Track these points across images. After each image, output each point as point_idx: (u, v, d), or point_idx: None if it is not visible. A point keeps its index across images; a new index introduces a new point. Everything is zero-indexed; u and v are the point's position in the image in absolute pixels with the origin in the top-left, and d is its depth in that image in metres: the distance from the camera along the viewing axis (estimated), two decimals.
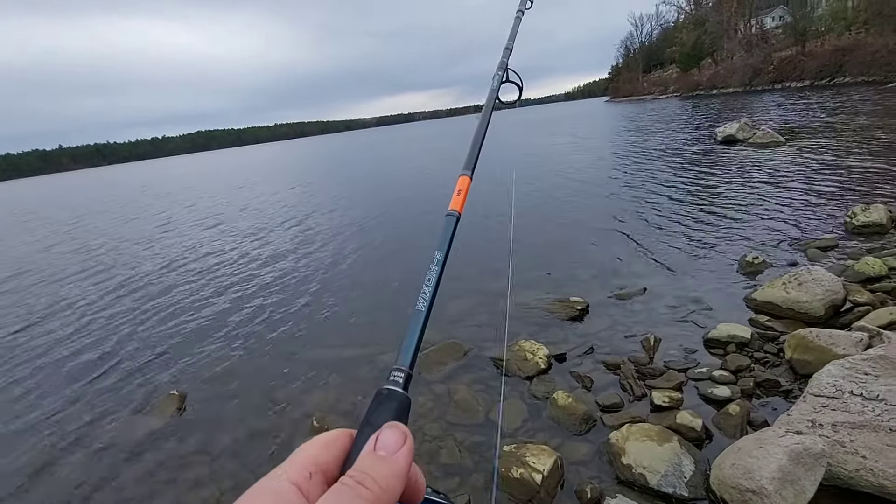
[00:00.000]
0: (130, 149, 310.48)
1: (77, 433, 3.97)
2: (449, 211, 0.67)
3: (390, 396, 0.43)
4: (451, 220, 0.66)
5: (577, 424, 3.09)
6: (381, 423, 0.39)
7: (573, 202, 9.89)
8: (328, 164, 35.40)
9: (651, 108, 41.54)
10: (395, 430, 0.38)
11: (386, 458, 0.36)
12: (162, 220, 15.72)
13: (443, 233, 0.63)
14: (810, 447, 2.20)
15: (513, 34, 1.20)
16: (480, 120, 0.90)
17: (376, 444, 0.37)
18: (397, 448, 0.37)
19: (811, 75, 38.74)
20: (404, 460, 0.37)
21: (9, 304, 8.00)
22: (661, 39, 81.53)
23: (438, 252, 0.60)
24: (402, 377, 0.45)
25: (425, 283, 0.56)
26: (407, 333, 0.51)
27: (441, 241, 0.62)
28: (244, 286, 7.13)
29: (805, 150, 11.32)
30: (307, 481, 0.35)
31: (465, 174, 0.76)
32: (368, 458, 0.36)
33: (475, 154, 0.80)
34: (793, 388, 3.14)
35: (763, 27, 55.07)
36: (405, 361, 0.48)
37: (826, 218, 6.46)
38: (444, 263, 0.59)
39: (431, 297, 0.55)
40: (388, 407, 0.42)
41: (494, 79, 1.01)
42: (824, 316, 3.89)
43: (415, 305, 0.53)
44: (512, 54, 1.11)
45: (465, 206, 0.69)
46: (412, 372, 0.47)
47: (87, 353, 5.51)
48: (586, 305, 4.75)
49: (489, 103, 0.95)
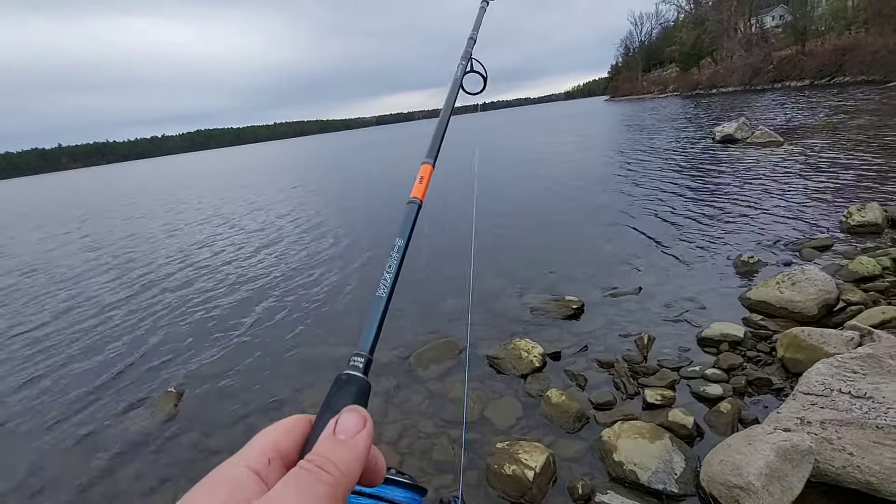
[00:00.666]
0: (130, 148, 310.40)
1: (73, 430, 3.99)
2: (410, 199, 0.67)
3: (350, 381, 0.43)
4: (413, 207, 0.66)
5: (570, 422, 3.11)
6: (340, 407, 0.39)
7: (570, 201, 9.91)
8: (327, 164, 35.42)
9: (650, 108, 41.54)
10: (355, 413, 0.38)
11: (345, 441, 0.36)
12: (162, 219, 15.74)
13: (404, 220, 0.63)
14: (798, 444, 2.23)
15: (477, 24, 1.19)
16: (443, 109, 0.89)
17: (336, 427, 0.37)
18: (356, 431, 0.37)
19: (811, 74, 38.75)
20: (363, 443, 0.37)
21: (8, 301, 8.02)
22: (661, 38, 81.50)
23: (399, 239, 0.60)
24: (362, 362, 0.46)
25: (386, 270, 0.56)
26: (367, 319, 0.51)
27: (402, 229, 0.61)
28: (242, 284, 7.16)
29: (803, 150, 11.35)
30: (266, 467, 0.35)
31: (428, 162, 0.75)
32: (328, 443, 0.37)
33: (437, 142, 0.80)
34: (784, 387, 3.17)
35: (763, 26, 55.06)
36: (365, 346, 0.48)
37: (822, 217, 6.48)
38: (405, 250, 0.59)
39: (392, 284, 0.55)
40: (348, 391, 0.42)
41: (458, 68, 1.00)
42: (817, 315, 3.92)
43: (375, 292, 0.54)
44: (476, 44, 1.10)
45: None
46: (372, 357, 0.47)
47: (85, 350, 5.53)
48: (582, 304, 4.78)
49: (452, 93, 0.94)
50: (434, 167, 0.75)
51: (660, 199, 8.90)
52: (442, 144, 0.80)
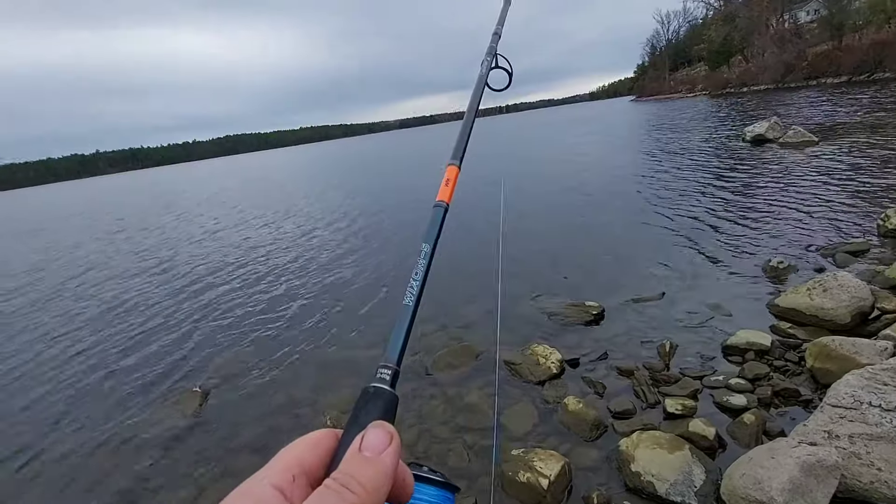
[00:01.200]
0: (163, 153, 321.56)
1: (101, 426, 4.16)
2: (437, 202, 0.64)
3: (377, 394, 0.42)
4: (439, 211, 0.63)
5: (587, 430, 3.07)
6: (367, 422, 0.38)
7: (594, 203, 9.78)
8: (354, 166, 35.87)
9: (678, 108, 40.62)
10: (381, 429, 0.38)
11: (371, 458, 0.36)
12: (199, 222, 16.23)
13: (430, 224, 0.61)
14: (823, 459, 2.15)
15: (501, 19, 1.15)
16: (468, 108, 0.86)
17: (361, 444, 0.37)
18: (383, 448, 0.36)
19: (848, 71, 37.17)
20: (390, 461, 0.36)
21: (42, 299, 8.42)
22: (689, 37, 79.60)
23: (426, 244, 0.58)
24: (388, 374, 0.44)
25: (412, 277, 0.54)
26: (394, 329, 0.49)
27: (428, 234, 0.59)
28: (267, 287, 7.31)
29: (839, 150, 10.90)
30: (290, 484, 0.34)
31: (454, 164, 0.72)
32: (353, 460, 0.36)
33: (463, 143, 0.77)
34: (813, 398, 3.05)
35: (796, 22, 53.15)
36: (392, 358, 0.46)
37: (857, 221, 6.21)
38: (432, 256, 0.57)
39: (419, 291, 0.53)
40: (375, 406, 0.41)
41: (483, 65, 0.96)
42: (850, 323, 3.76)
43: (402, 300, 0.52)
44: (501, 39, 1.05)
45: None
46: (399, 368, 0.45)
47: (115, 347, 5.75)
48: (602, 310, 4.71)
49: (477, 90, 0.91)
50: (460, 169, 0.73)
51: (686, 202, 8.69)
52: (468, 145, 0.77)
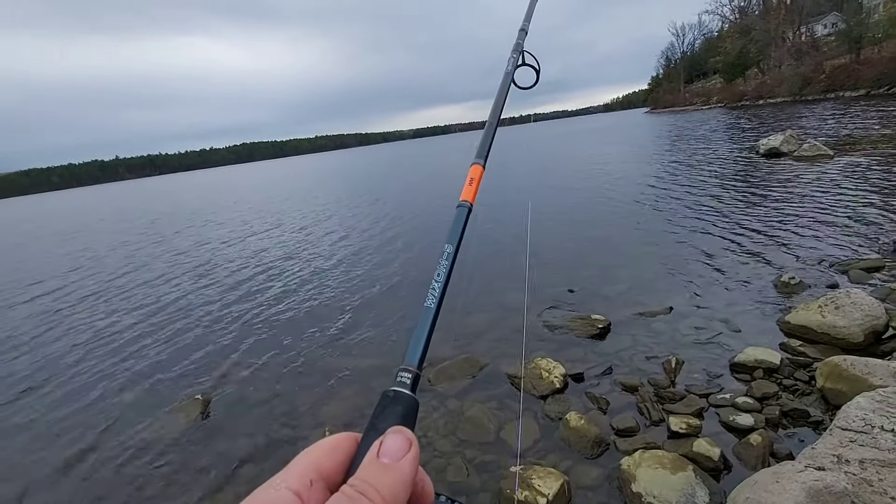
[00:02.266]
0: (180, 160, 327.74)
1: (101, 433, 4.18)
2: (460, 202, 0.63)
3: (396, 399, 0.41)
4: (463, 211, 0.62)
5: (588, 447, 3.01)
6: (385, 427, 0.38)
7: (603, 215, 9.70)
8: (371, 174, 36.15)
9: (693, 120, 40.34)
10: (400, 435, 0.37)
11: (389, 465, 0.35)
12: (214, 229, 16.45)
13: (453, 225, 0.59)
14: (832, 485, 2.06)
15: (528, 14, 1.12)
16: (493, 105, 0.84)
17: (380, 450, 0.36)
18: (402, 455, 0.36)
19: (868, 84, 36.62)
20: (409, 468, 0.36)
21: (51, 302, 8.56)
22: (704, 49, 79.32)
23: (449, 245, 0.56)
24: (409, 378, 0.43)
25: (434, 279, 0.53)
26: (415, 331, 0.48)
27: (452, 234, 0.58)
28: (274, 292, 7.35)
29: (855, 164, 10.70)
30: (307, 489, 0.34)
31: (478, 163, 0.71)
32: (371, 467, 0.35)
33: (488, 142, 0.75)
34: (823, 420, 2.96)
35: (813, 35, 52.67)
36: (413, 361, 0.45)
37: (872, 237, 6.06)
38: (455, 257, 0.56)
39: (441, 293, 0.52)
40: (394, 410, 0.40)
41: (509, 62, 0.93)
42: (863, 342, 3.66)
43: (423, 302, 0.51)
44: (528, 36, 1.03)
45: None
46: (420, 372, 0.44)
47: (118, 355, 5.81)
48: (608, 324, 4.64)
49: (503, 88, 0.88)
50: (484, 168, 0.71)
51: (698, 214, 8.58)
52: (492, 144, 0.76)
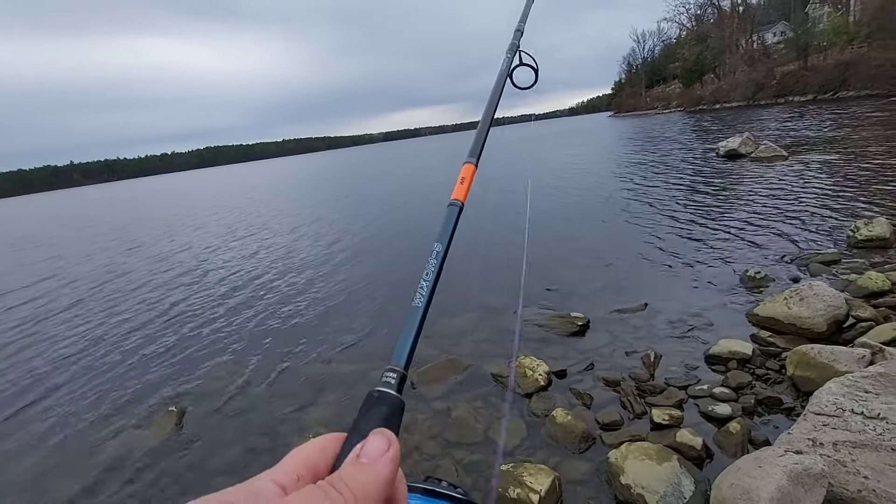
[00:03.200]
0: (139, 164, 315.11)
1: (72, 449, 3.96)
2: (451, 200, 0.63)
3: (381, 399, 0.41)
4: (454, 210, 0.62)
5: (575, 443, 3.05)
6: (369, 428, 0.38)
7: (573, 217, 9.90)
8: (342, 177, 35.70)
9: (655, 123, 41.72)
10: (380, 436, 0.38)
11: (367, 464, 0.36)
12: (170, 236, 15.87)
13: (444, 223, 0.59)
14: (810, 467, 2.16)
15: (524, 14, 1.12)
16: (487, 106, 0.82)
17: (360, 451, 0.37)
18: (380, 455, 0.37)
19: (814, 89, 38.80)
20: (385, 467, 0.36)
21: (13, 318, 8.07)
22: (664, 55, 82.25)
23: (438, 244, 0.56)
24: (395, 378, 0.43)
25: (423, 278, 0.52)
26: (402, 331, 0.47)
27: (442, 233, 0.57)
28: (244, 300, 7.16)
29: (808, 164, 11.31)
30: (294, 483, 0.35)
31: (470, 162, 0.70)
32: (350, 466, 0.36)
33: (481, 141, 0.74)
34: (795, 406, 3.10)
35: (764, 42, 55.44)
36: (399, 361, 0.45)
37: (829, 232, 6.42)
38: (445, 256, 0.55)
39: (430, 293, 0.51)
40: (378, 411, 0.40)
41: (503, 62, 0.92)
42: (826, 332, 3.85)
43: (411, 301, 0.50)
44: (524, 37, 1.03)
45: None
46: (407, 372, 0.44)
47: (86, 368, 5.53)
48: (587, 321, 4.73)
49: (497, 88, 0.86)
50: (477, 167, 0.71)
51: (665, 214, 8.87)
52: (485, 143, 0.75)
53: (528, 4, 1.18)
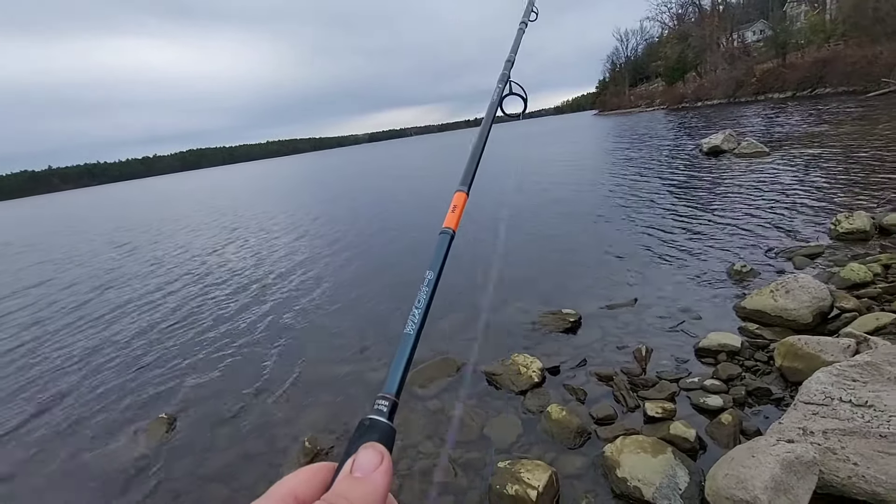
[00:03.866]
0: (121, 168, 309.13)
1: (62, 458, 3.88)
2: (443, 229, 0.64)
3: (372, 427, 0.41)
4: (445, 238, 0.62)
5: (571, 438, 3.07)
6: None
7: (562, 215, 9.96)
8: (326, 181, 35.45)
9: (638, 121, 42.19)
10: (371, 449, 0.38)
11: (361, 478, 0.36)
12: (158, 240, 15.60)
13: (436, 251, 0.60)
14: (802, 455, 2.21)
15: (515, 46, 1.15)
16: (479, 135, 0.85)
17: (352, 466, 0.37)
18: (374, 468, 0.36)
19: (793, 86, 39.55)
20: (381, 480, 0.36)
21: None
22: (646, 54, 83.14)
23: (430, 272, 0.57)
24: (386, 406, 0.43)
25: (415, 305, 0.53)
26: (394, 358, 0.48)
27: (434, 261, 0.58)
28: (234, 307, 7.07)
29: (789, 160, 11.54)
30: None
31: (462, 190, 0.71)
32: (344, 481, 0.36)
33: (472, 169, 0.75)
34: (784, 396, 3.16)
35: (744, 41, 56.40)
36: (391, 389, 0.45)
37: (811, 226, 6.56)
38: (436, 284, 0.56)
39: (421, 320, 0.52)
40: (370, 438, 0.40)
41: (495, 92, 0.96)
42: (812, 323, 3.93)
43: (403, 328, 0.51)
44: (514, 66, 1.06)
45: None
46: (398, 400, 0.44)
47: (76, 374, 5.41)
48: (578, 317, 4.76)
49: (489, 117, 0.90)
50: (468, 195, 0.71)
51: (651, 210, 8.98)
52: (476, 171, 0.75)
53: (519, 36, 1.20)
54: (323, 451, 3.40)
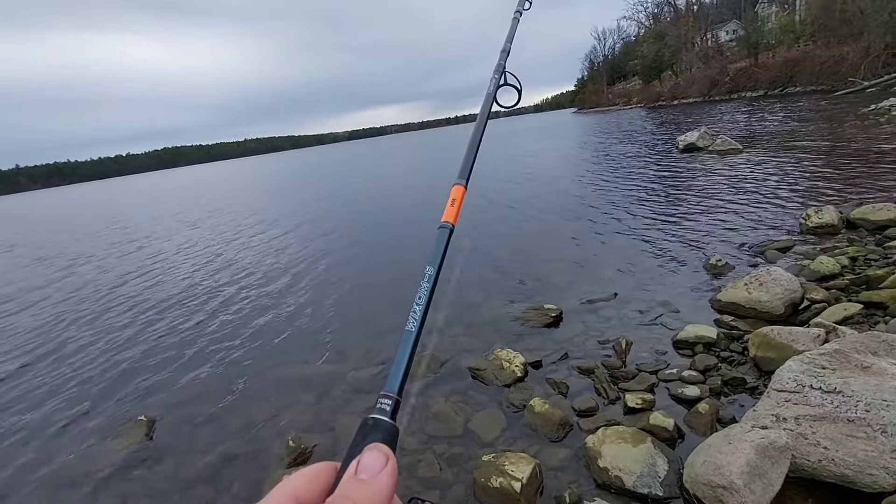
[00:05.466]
0: (92, 167, 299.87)
1: (37, 462, 3.76)
2: (442, 223, 0.63)
3: (376, 427, 0.41)
4: (444, 232, 0.61)
5: (554, 430, 3.12)
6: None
7: (540, 211, 10.05)
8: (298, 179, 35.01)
9: (616, 119, 42.82)
10: (376, 451, 0.38)
11: (367, 480, 0.35)
12: (136, 237, 15.21)
13: (435, 246, 0.59)
14: (775, 441, 2.28)
15: (510, 35, 1.13)
16: (476, 125, 0.84)
17: (357, 467, 0.36)
18: (379, 469, 0.36)
19: (765, 85, 40.69)
20: (387, 481, 0.36)
21: None
22: (624, 53, 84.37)
23: (430, 267, 0.56)
24: (389, 405, 0.43)
25: (416, 301, 0.52)
26: (396, 356, 0.48)
27: (433, 256, 0.58)
28: (216, 303, 6.95)
29: (761, 157, 11.87)
30: None
31: (460, 183, 0.71)
32: (349, 483, 0.35)
33: (470, 161, 0.75)
34: (758, 385, 3.26)
35: (718, 40, 57.71)
36: (393, 387, 0.45)
37: (782, 220, 6.77)
38: (436, 279, 0.56)
39: (422, 317, 0.51)
40: (374, 438, 0.40)
41: (491, 82, 0.95)
42: (784, 314, 4.06)
43: (405, 326, 0.50)
44: (509, 56, 1.04)
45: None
46: (401, 398, 0.44)
47: (48, 376, 5.25)
48: (560, 312, 4.82)
49: (485, 108, 0.89)
50: (466, 188, 0.71)
51: (629, 208, 9.13)
52: (474, 163, 0.75)
53: (514, 25, 1.18)
54: (307, 449, 3.37)
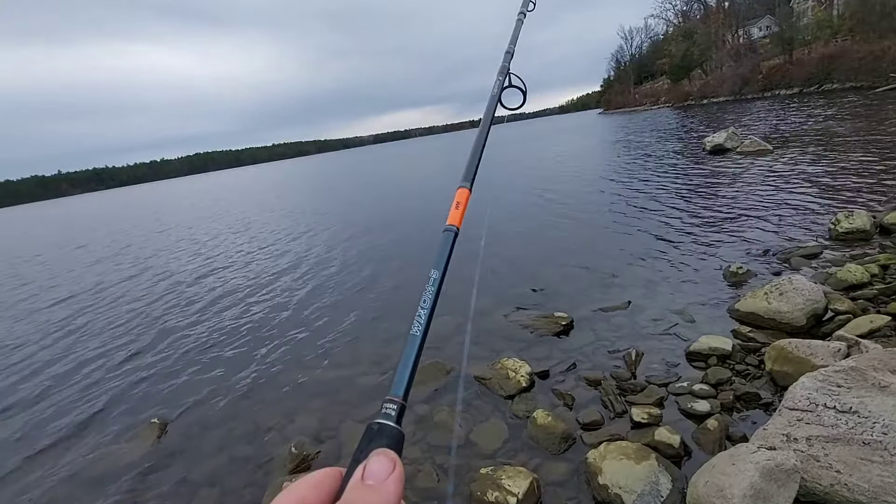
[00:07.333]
0: (129, 172, 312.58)
1: (52, 464, 3.91)
2: (447, 226, 0.63)
3: (381, 432, 0.40)
4: (449, 235, 0.61)
5: (555, 444, 3.05)
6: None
7: (560, 215, 9.90)
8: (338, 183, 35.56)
9: (643, 119, 41.93)
10: (383, 456, 0.37)
11: (374, 486, 0.35)
12: (154, 242, 15.74)
13: (440, 249, 0.59)
14: (782, 463, 2.17)
15: (514, 37, 1.13)
16: (480, 128, 0.85)
17: (364, 473, 0.36)
18: (386, 475, 0.36)
19: (800, 83, 39.15)
20: (394, 487, 0.35)
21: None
22: (651, 52, 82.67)
23: (435, 271, 0.56)
24: (394, 409, 0.42)
25: (420, 305, 0.52)
26: (401, 360, 0.47)
27: (438, 259, 0.57)
28: (227, 310, 7.10)
29: (792, 158, 11.40)
30: None
31: (464, 186, 0.71)
32: (356, 489, 0.35)
33: (475, 164, 0.75)
34: (773, 401, 3.11)
35: (750, 37, 55.90)
36: (398, 392, 0.44)
37: (810, 225, 6.47)
38: (441, 283, 0.55)
39: (427, 320, 0.51)
40: (379, 443, 0.40)
41: (495, 84, 0.95)
42: (806, 326, 3.87)
43: (409, 329, 0.50)
44: (514, 58, 1.05)
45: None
46: (406, 403, 0.43)
47: (68, 379, 5.46)
48: (571, 320, 4.73)
49: (489, 110, 0.89)
50: (471, 191, 0.71)
51: (649, 211, 8.90)
52: (479, 166, 0.75)
53: (518, 27, 1.18)
54: (309, 456, 3.39)
